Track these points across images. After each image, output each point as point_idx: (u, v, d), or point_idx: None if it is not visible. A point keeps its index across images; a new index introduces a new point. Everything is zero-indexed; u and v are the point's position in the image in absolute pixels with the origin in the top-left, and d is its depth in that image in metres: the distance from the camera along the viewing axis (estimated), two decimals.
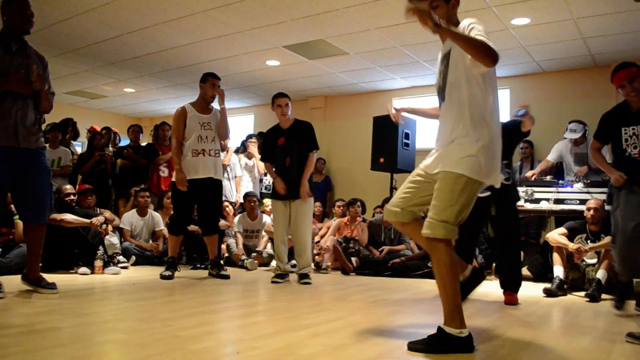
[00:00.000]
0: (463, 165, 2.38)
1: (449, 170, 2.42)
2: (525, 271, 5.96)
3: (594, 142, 4.12)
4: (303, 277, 4.98)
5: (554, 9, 5.64)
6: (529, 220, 6.53)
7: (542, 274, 5.61)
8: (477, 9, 5.71)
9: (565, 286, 4.75)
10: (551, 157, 6.42)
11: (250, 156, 7.72)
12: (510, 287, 4.18)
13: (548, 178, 6.12)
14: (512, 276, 4.21)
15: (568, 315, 3.75)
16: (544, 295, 4.57)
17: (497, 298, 4.41)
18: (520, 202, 5.86)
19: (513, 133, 4.41)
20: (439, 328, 2.39)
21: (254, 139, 7.92)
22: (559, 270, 4.77)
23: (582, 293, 4.62)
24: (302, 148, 5.08)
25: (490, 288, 4.95)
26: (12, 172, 3.46)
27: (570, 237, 4.94)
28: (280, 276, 5.00)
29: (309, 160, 5.08)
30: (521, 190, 5.94)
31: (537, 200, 5.80)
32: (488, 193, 4.22)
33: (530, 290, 4.98)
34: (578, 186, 5.60)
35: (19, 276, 3.76)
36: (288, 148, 5.06)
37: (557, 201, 5.66)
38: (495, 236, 4.55)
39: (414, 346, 2.38)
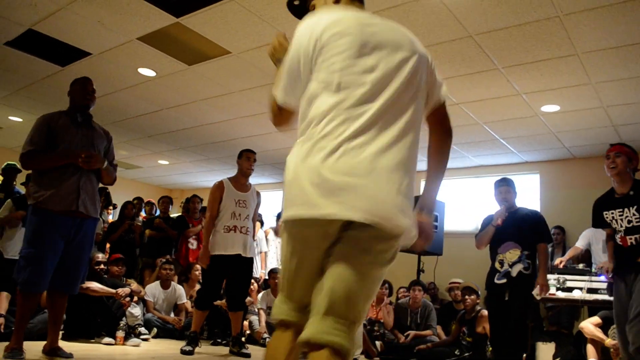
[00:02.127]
0: None
1: None
2: None
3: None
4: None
5: (584, 97, 5.69)
6: (560, 310, 6.31)
7: None
8: (508, 96, 5.81)
9: None
10: (580, 244, 6.28)
11: (278, 232, 7.74)
12: None
13: (581, 266, 5.96)
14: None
15: None
16: None
17: None
18: (552, 291, 5.69)
19: (538, 226, 4.47)
20: None
21: None
22: None
23: None
24: None
25: None
26: (64, 240, 3.53)
27: (605, 326, 4.75)
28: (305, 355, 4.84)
29: None
30: (552, 277, 5.78)
31: (570, 289, 5.62)
32: (504, 280, 4.23)
33: None
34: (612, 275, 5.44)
35: (42, 342, 3.75)
36: None
37: (590, 290, 5.47)
38: (505, 321, 4.43)
39: None
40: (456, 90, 5.81)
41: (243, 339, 5.37)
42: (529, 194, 8.24)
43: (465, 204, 8.52)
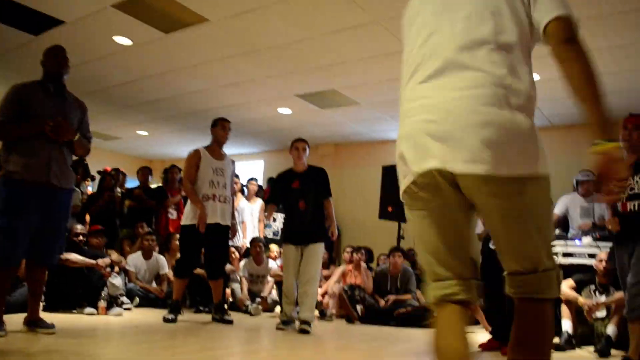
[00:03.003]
0: None
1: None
2: None
3: None
4: (304, 324, 4.82)
5: None
6: None
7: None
8: None
9: (573, 341, 4.65)
10: (557, 211, 6.38)
11: (250, 198, 7.81)
12: (499, 336, 4.22)
13: (557, 231, 6.08)
14: (499, 323, 4.24)
15: None
16: (553, 350, 4.47)
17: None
18: None
19: None
20: None
21: (253, 182, 8.03)
22: (567, 325, 4.68)
23: (591, 348, 4.52)
24: (317, 193, 5.09)
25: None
26: (38, 211, 3.50)
27: (579, 289, 4.88)
28: (286, 323, 4.92)
29: (330, 209, 5.11)
30: None
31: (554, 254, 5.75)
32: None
33: None
34: (587, 240, 5.56)
35: (23, 314, 3.74)
36: (303, 192, 5.06)
37: (566, 255, 5.61)
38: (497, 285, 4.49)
39: None
40: None
41: (225, 306, 5.42)
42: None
43: None
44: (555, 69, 1.67)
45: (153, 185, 8.06)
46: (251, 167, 11.20)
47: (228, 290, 6.34)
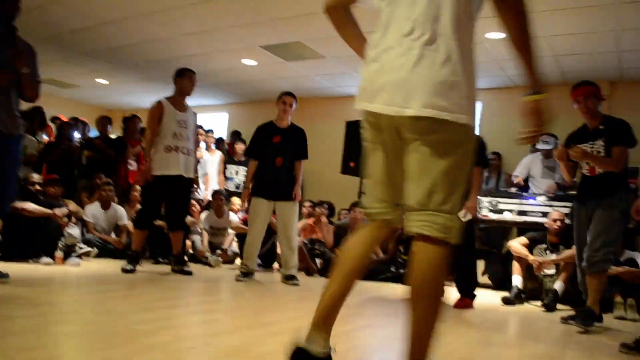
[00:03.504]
0: None
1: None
2: (486, 280, 6.08)
3: None
4: (291, 278, 4.98)
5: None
6: (492, 231, 6.65)
7: (502, 283, 5.71)
8: None
9: (522, 295, 4.86)
10: (518, 172, 6.54)
11: (209, 151, 7.82)
12: (466, 292, 4.36)
13: (513, 190, 6.24)
14: (468, 282, 4.41)
15: (523, 323, 3.84)
16: (502, 303, 4.66)
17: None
18: (485, 212, 5.98)
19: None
20: None
21: (211, 134, 8.00)
22: (517, 280, 4.87)
23: (539, 303, 4.73)
24: (295, 152, 5.12)
25: (449, 294, 5.02)
26: None
27: (531, 247, 5.06)
28: (246, 275, 4.98)
29: (299, 170, 5.15)
30: (485, 200, 6.05)
31: (501, 211, 5.91)
32: None
33: (489, 299, 5.08)
34: (541, 199, 5.73)
35: None
36: (282, 148, 5.05)
37: (521, 213, 5.78)
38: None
39: None
40: None
41: (185, 258, 5.43)
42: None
43: None
44: None
45: (113, 136, 7.88)
46: (215, 119, 11.04)
47: (188, 242, 6.35)
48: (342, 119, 8.03)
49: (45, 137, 7.74)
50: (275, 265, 6.54)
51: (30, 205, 4.88)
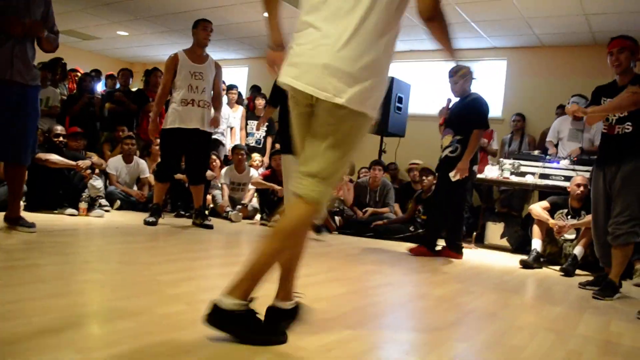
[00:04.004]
0: None
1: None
2: (504, 242, 6.08)
3: None
4: (319, 230, 5.10)
5: None
6: (512, 193, 6.61)
7: (521, 246, 5.71)
8: None
9: (541, 259, 4.85)
10: (551, 137, 6.42)
11: (231, 106, 7.74)
12: (451, 245, 4.87)
13: (536, 152, 6.17)
14: (453, 236, 4.90)
15: (541, 287, 3.84)
16: (520, 266, 4.67)
17: (475, 265, 4.51)
18: (506, 175, 5.93)
19: (473, 113, 4.73)
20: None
21: (234, 90, 7.91)
22: (537, 244, 4.85)
23: (558, 267, 4.72)
24: None
25: (468, 255, 5.04)
26: (2, 108, 3.41)
27: (552, 211, 5.01)
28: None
29: None
30: (508, 162, 5.99)
31: (523, 174, 5.85)
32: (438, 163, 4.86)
33: (508, 261, 5.08)
34: (564, 163, 5.65)
35: (3, 213, 3.76)
36: None
37: (543, 176, 5.72)
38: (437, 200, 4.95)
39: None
40: None
41: (206, 212, 5.50)
42: (495, 80, 8.27)
43: (431, 87, 8.53)
44: None
45: (134, 88, 7.89)
46: (235, 73, 10.97)
47: (209, 197, 6.41)
48: None
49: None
50: None
51: (55, 157, 4.94)
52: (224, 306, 1.71)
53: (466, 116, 4.70)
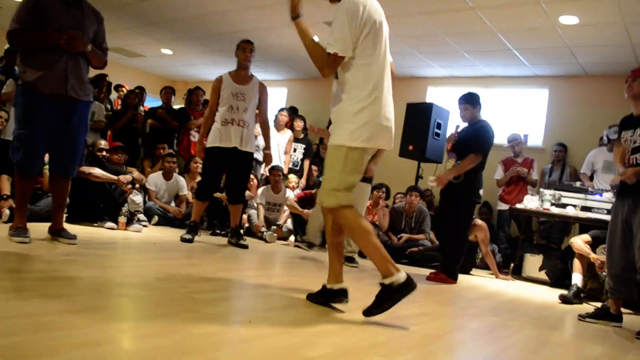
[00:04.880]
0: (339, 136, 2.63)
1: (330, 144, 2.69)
2: (543, 275, 5.92)
3: None
4: (351, 261, 5.00)
5: (606, 10, 5.47)
6: (552, 225, 6.46)
7: (561, 280, 5.55)
8: (526, 3, 5.59)
9: (582, 295, 4.69)
10: (585, 170, 6.29)
11: (279, 129, 7.74)
12: (444, 268, 4.77)
13: (578, 184, 6.03)
14: (449, 258, 4.78)
15: (582, 324, 3.71)
16: (560, 301, 4.53)
17: (512, 297, 4.39)
18: (546, 205, 5.80)
19: (473, 138, 4.77)
20: (381, 284, 2.52)
21: (284, 112, 7.91)
22: (577, 278, 4.70)
23: (599, 304, 4.55)
24: None
25: (505, 287, 4.93)
26: (55, 122, 3.52)
27: (594, 245, 4.86)
28: (311, 245, 5.03)
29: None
30: (548, 193, 5.86)
31: (564, 206, 5.72)
32: (441, 187, 4.77)
33: (546, 295, 4.95)
34: (607, 195, 5.50)
35: (48, 224, 3.85)
36: None
37: (584, 208, 5.57)
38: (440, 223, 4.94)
39: (368, 312, 2.55)
40: None
41: (241, 231, 5.53)
42: (537, 109, 8.16)
43: None
44: (597, 13, 1.62)
45: (176, 106, 8.06)
46: (273, 94, 11.08)
47: (245, 216, 6.45)
48: (402, 100, 7.91)
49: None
50: None
51: (97, 171, 5.05)
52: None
53: (469, 141, 4.75)
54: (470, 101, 4.91)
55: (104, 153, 5.37)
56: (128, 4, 7.52)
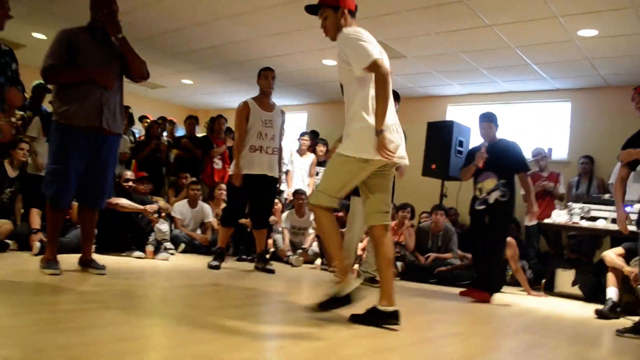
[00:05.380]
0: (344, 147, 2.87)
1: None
2: (576, 290, 5.79)
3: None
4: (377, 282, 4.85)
5: (624, 21, 5.42)
6: (582, 238, 6.32)
7: (594, 294, 5.42)
8: (543, 18, 5.56)
9: (618, 309, 4.56)
10: (613, 181, 6.16)
11: (302, 153, 7.77)
12: (481, 286, 4.65)
13: (607, 196, 5.91)
14: (485, 278, 4.70)
15: (620, 340, 3.60)
16: (596, 316, 4.41)
17: (546, 314, 4.30)
18: (575, 219, 5.70)
19: (513, 157, 4.83)
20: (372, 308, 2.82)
21: (306, 137, 7.95)
22: (612, 292, 4.58)
23: (636, 318, 4.42)
24: None
25: (538, 304, 4.83)
26: (87, 155, 3.59)
27: (627, 258, 4.74)
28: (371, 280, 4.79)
29: (402, 169, 4.97)
30: (577, 207, 5.77)
31: (594, 219, 5.61)
32: (483, 207, 4.72)
33: (581, 311, 4.83)
34: (638, 207, 5.37)
35: (78, 255, 3.90)
36: None
37: (615, 221, 5.44)
38: (483, 242, 4.80)
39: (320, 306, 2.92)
40: (490, 11, 5.58)
41: (267, 256, 5.53)
42: (559, 122, 8.07)
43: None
44: (616, 25, 1.60)
45: (199, 135, 8.16)
46: (294, 119, 11.17)
47: (270, 241, 6.45)
48: (423, 119, 7.91)
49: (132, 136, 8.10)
50: (356, 266, 6.53)
51: (124, 201, 5.12)
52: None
53: (506, 160, 4.80)
54: (494, 120, 5.00)
55: (130, 183, 5.45)
56: (148, 37, 7.68)
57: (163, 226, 5.55)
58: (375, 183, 2.96)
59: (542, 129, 8.25)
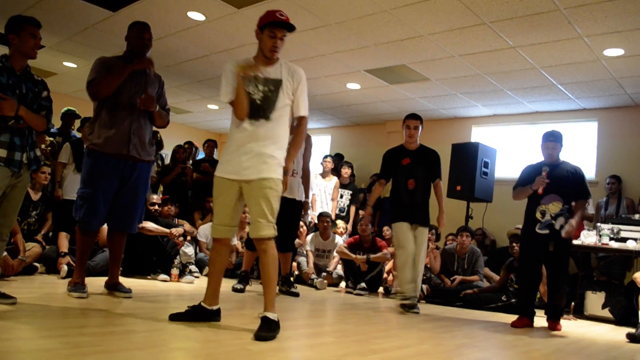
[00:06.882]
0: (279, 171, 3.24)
1: (272, 177, 3.24)
2: (606, 313, 5.66)
3: None
4: (412, 308, 4.74)
5: None
6: (612, 260, 6.19)
7: (626, 317, 5.28)
8: (568, 39, 5.54)
9: None
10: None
11: (325, 175, 7.78)
12: (554, 315, 4.56)
13: (637, 216, 5.80)
14: (556, 306, 4.59)
15: None
16: (627, 340, 4.29)
17: (577, 338, 4.20)
18: (605, 240, 5.59)
19: (579, 184, 4.62)
20: (265, 317, 3.06)
21: (329, 159, 7.97)
22: None
23: None
24: (427, 173, 4.95)
25: (567, 327, 4.72)
26: (117, 180, 3.67)
27: None
28: (412, 307, 4.70)
29: (440, 190, 5.01)
30: (606, 227, 5.66)
31: (624, 239, 5.50)
32: (547, 231, 4.49)
33: (612, 334, 4.71)
34: None
35: (104, 278, 3.96)
36: (413, 170, 4.92)
37: None
38: (548, 270, 4.64)
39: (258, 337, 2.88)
40: (513, 33, 5.57)
41: (292, 278, 5.52)
42: (586, 142, 7.97)
43: (518, 151, 8.33)
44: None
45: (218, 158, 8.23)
46: (318, 142, 11.22)
47: (294, 264, 6.45)
48: (447, 141, 7.90)
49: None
50: (380, 289, 6.50)
51: (151, 225, 5.19)
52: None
53: (572, 187, 4.57)
54: (560, 140, 4.67)
55: (156, 207, 5.52)
56: (175, 64, 7.86)
57: (188, 249, 5.60)
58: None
59: (569, 149, 8.13)
